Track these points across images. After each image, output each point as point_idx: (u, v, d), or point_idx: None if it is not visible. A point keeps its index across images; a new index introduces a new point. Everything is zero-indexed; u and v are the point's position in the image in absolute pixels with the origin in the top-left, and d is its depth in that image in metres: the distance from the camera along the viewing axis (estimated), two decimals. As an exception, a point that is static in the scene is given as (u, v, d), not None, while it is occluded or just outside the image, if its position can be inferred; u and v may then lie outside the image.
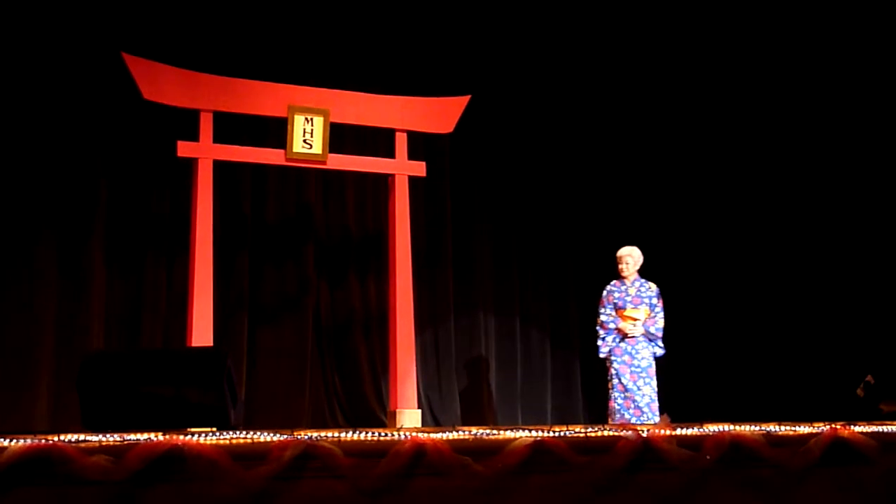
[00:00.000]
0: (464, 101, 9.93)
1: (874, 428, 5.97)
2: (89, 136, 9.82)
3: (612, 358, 9.21)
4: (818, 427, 5.83)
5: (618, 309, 9.32)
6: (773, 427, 5.74)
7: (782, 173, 11.67)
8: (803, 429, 5.77)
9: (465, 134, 10.54)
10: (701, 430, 5.63)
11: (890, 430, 5.99)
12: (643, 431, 5.57)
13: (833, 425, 5.85)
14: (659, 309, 9.34)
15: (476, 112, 10.28)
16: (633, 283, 9.41)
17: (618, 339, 9.25)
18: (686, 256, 11.88)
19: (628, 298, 9.32)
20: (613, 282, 9.49)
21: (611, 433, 5.59)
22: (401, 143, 9.66)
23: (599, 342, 9.36)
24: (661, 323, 9.35)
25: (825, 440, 5.73)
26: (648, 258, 9.63)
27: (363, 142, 10.34)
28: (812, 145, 11.50)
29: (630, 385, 9.06)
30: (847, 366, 9.06)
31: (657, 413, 9.11)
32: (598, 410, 9.58)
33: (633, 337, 9.24)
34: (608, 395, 9.24)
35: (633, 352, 9.20)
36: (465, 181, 11.56)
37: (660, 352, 9.33)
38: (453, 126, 9.93)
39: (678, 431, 5.63)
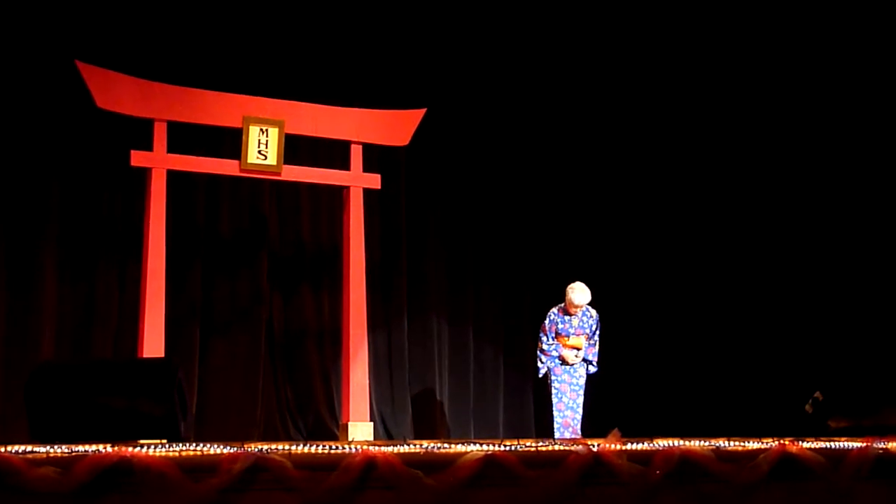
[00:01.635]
0: (419, 113, 9.96)
1: (822, 444, 6.01)
2: (42, 144, 9.77)
3: (553, 377, 9.47)
4: (767, 442, 5.86)
5: (559, 336, 9.48)
6: (722, 442, 5.75)
7: (722, 188, 11.77)
8: (752, 444, 5.79)
9: (421, 147, 10.54)
10: (651, 444, 5.64)
11: (837, 446, 6.04)
12: (594, 446, 5.58)
13: (782, 441, 5.88)
14: (596, 335, 9.67)
15: (432, 125, 10.30)
16: (576, 314, 9.54)
17: (558, 362, 9.49)
18: (634, 273, 11.94)
19: (571, 329, 9.52)
20: (557, 310, 9.64)
21: (561, 447, 5.58)
22: (356, 155, 9.67)
23: (539, 365, 9.66)
24: (596, 347, 9.68)
25: (774, 455, 5.75)
26: (596, 275, 9.78)
27: (318, 153, 10.31)
28: (739, 167, 11.66)
29: (570, 403, 9.36)
30: (795, 382, 9.12)
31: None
32: (550, 425, 9.65)
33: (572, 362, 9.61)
34: (551, 413, 9.57)
35: (572, 370, 9.58)
36: (420, 194, 11.55)
37: (593, 370, 9.68)
38: (409, 139, 9.95)
39: (628, 446, 5.63)
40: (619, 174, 12.19)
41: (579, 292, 9.47)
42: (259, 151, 9.15)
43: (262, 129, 9.14)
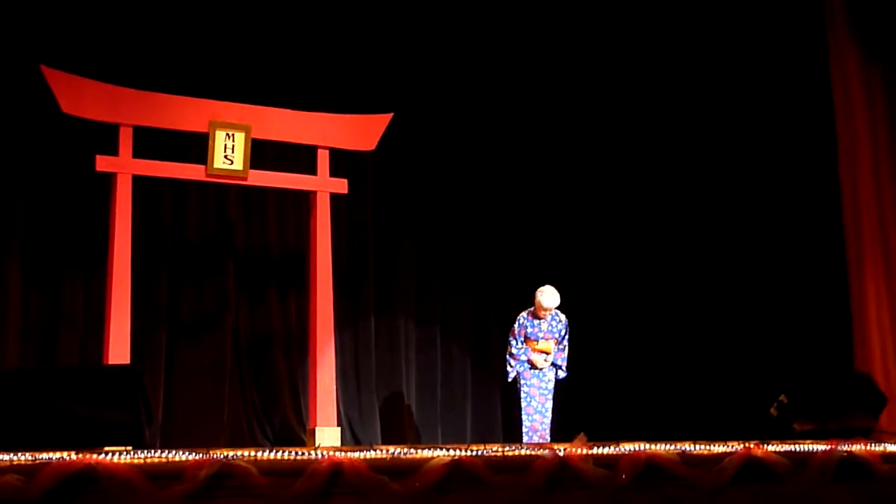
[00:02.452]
0: (386, 118, 9.98)
1: (787, 447, 6.06)
2: (6, 150, 9.71)
3: (522, 381, 9.51)
4: (732, 446, 5.90)
5: (528, 340, 9.52)
6: (688, 446, 5.80)
7: (684, 187, 11.84)
8: (718, 448, 5.84)
9: (388, 151, 10.56)
10: (617, 449, 5.67)
11: (802, 449, 6.09)
12: (560, 451, 5.60)
13: (747, 444, 5.92)
14: (566, 340, 9.76)
15: (399, 129, 10.32)
16: (545, 318, 9.58)
17: (527, 366, 9.49)
18: (603, 277, 12.00)
19: (540, 334, 9.57)
20: (526, 314, 9.71)
21: (528, 452, 5.61)
22: (323, 160, 9.67)
23: (508, 369, 9.72)
24: (566, 353, 9.75)
25: (739, 459, 5.80)
26: (566, 279, 9.82)
27: (285, 158, 10.30)
28: (705, 173, 11.67)
29: (539, 407, 9.40)
30: (761, 386, 9.16)
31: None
32: (518, 429, 9.69)
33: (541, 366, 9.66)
34: (520, 417, 9.64)
35: (541, 374, 9.64)
36: (387, 198, 11.55)
37: (562, 375, 9.75)
38: (376, 143, 9.97)
39: (594, 450, 5.66)
40: (588, 178, 12.24)
41: (548, 295, 9.52)
42: (225, 156, 9.15)
43: (228, 134, 9.14)
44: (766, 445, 6.02)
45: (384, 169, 11.39)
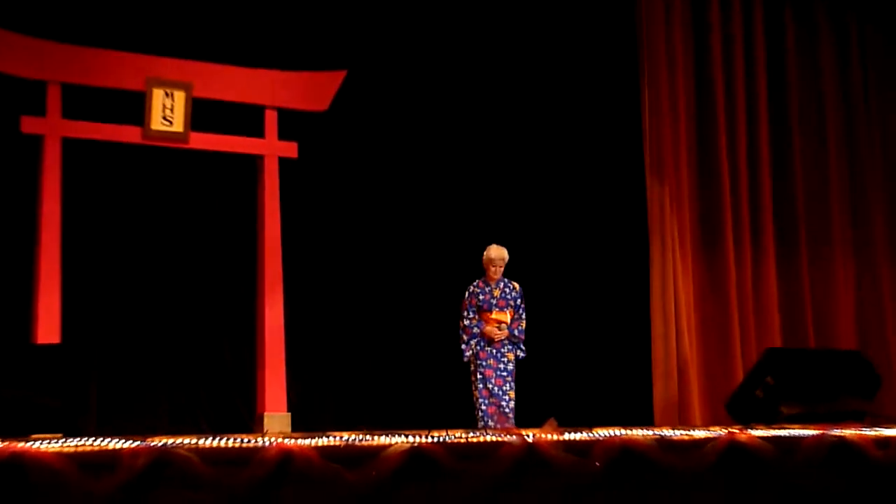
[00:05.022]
0: (339, 76, 9.96)
1: (772, 432, 6.09)
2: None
3: (477, 361, 9.50)
4: (715, 431, 5.93)
5: (482, 311, 9.52)
6: (666, 431, 5.82)
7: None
8: (699, 433, 5.86)
9: (342, 111, 10.47)
10: (590, 435, 5.68)
11: (787, 434, 6.12)
12: (528, 436, 5.60)
13: (730, 429, 5.94)
14: (522, 310, 9.72)
15: (353, 88, 10.24)
16: (497, 283, 9.60)
17: (482, 343, 9.48)
18: (563, 249, 12.03)
19: (493, 301, 9.57)
20: (477, 282, 9.73)
21: (493, 438, 5.60)
22: (271, 121, 9.67)
23: (463, 346, 9.67)
24: (523, 325, 9.71)
25: (721, 445, 5.82)
26: (523, 247, 9.85)
27: (229, 120, 10.19)
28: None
29: (496, 390, 9.46)
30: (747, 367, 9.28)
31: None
32: (474, 415, 9.63)
33: (498, 340, 9.55)
34: (474, 401, 9.58)
35: (499, 355, 9.57)
36: (341, 164, 11.45)
37: (521, 354, 9.70)
38: (328, 103, 9.92)
39: (566, 436, 5.66)
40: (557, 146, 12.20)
41: (495, 248, 9.62)
42: (164, 117, 9.12)
43: (167, 93, 9.11)
44: (750, 430, 6.05)
45: (337, 130, 11.23)
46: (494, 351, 9.56)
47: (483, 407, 9.48)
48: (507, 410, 9.42)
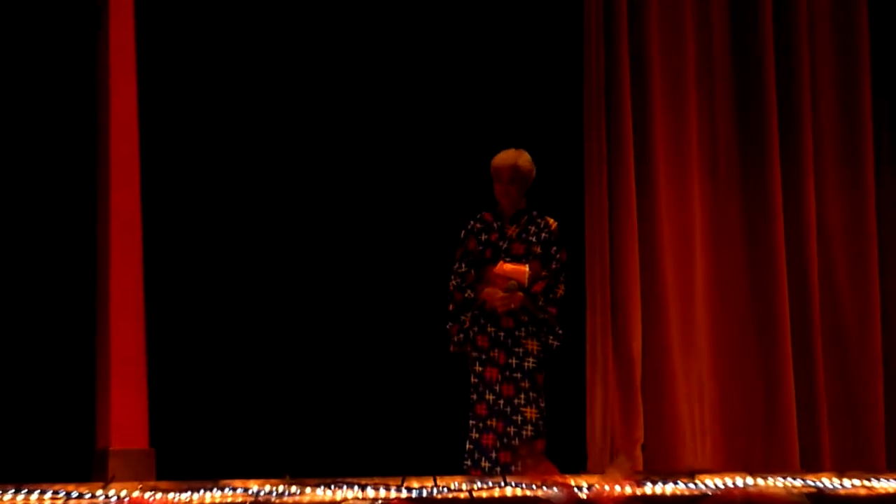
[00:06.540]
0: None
1: None
2: None
3: (473, 355, 6.23)
4: None
5: (484, 263, 6.36)
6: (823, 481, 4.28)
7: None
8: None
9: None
10: (695, 486, 3.86)
11: None
12: (579, 489, 3.86)
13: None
14: (560, 265, 6.33)
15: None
16: (514, 217, 6.40)
17: (481, 320, 6.30)
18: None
19: (504, 245, 6.36)
20: (481, 214, 6.41)
21: (518, 492, 3.91)
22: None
23: (448, 325, 6.37)
24: (560, 291, 6.31)
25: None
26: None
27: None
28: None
29: (501, 404, 6.14)
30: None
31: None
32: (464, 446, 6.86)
33: (507, 315, 6.22)
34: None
35: (510, 342, 6.18)
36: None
37: (555, 343, 6.27)
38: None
39: (647, 488, 3.98)
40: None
41: (502, 153, 6.35)
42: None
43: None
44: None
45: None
46: (502, 335, 6.31)
47: (474, 435, 6.05)
48: (515, 440, 5.91)
